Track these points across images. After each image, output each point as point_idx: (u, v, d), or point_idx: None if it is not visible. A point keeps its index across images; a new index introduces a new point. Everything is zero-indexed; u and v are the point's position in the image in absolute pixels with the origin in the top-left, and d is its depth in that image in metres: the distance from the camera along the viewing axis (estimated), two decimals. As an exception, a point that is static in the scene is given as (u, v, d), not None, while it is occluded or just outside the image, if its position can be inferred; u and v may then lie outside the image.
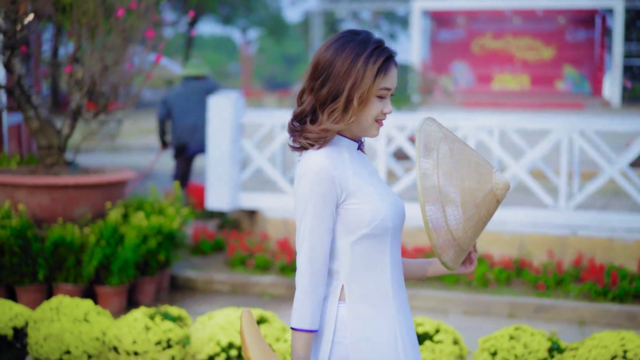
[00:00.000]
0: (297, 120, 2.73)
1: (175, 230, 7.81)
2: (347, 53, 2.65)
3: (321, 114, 2.67)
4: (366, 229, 2.65)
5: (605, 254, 8.05)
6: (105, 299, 7.39)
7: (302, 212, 2.63)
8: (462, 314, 7.48)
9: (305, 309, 2.61)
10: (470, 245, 2.79)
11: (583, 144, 8.43)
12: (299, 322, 2.61)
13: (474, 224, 2.72)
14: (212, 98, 9.29)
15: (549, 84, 32.03)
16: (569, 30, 32.11)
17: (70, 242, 7.22)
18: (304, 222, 2.62)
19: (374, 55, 2.66)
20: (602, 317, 7.21)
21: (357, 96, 2.63)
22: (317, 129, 2.65)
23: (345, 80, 2.63)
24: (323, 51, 2.70)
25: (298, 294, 2.63)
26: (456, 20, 32.78)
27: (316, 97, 2.68)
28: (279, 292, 7.98)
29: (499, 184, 2.73)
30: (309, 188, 2.61)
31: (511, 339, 4.99)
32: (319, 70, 2.68)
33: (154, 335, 5.15)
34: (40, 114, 7.80)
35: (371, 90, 2.65)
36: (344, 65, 2.64)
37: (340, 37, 2.71)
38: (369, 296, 2.69)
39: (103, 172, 8.11)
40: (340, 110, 2.65)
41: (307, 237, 2.62)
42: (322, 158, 2.62)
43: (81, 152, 18.71)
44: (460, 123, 8.79)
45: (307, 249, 2.62)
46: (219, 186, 9.24)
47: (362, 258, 2.68)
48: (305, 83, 2.73)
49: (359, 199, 2.65)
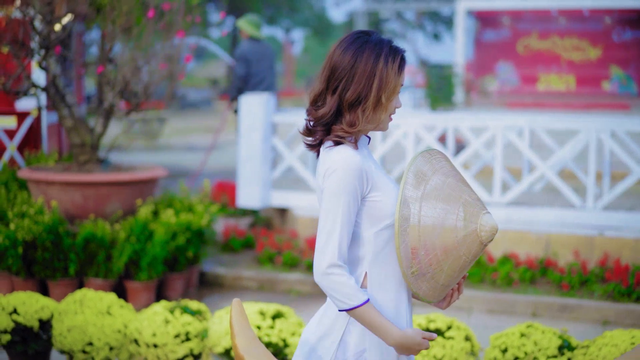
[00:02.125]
0: (319, 122, 2.85)
1: (203, 227, 7.96)
2: (368, 54, 2.80)
3: (348, 114, 2.81)
4: (389, 220, 2.81)
5: (632, 254, 8.04)
6: (134, 294, 7.56)
7: (332, 205, 2.74)
8: (485, 312, 7.53)
9: (347, 288, 2.71)
10: (451, 283, 2.85)
11: (612, 144, 8.43)
12: (352, 301, 2.70)
13: (451, 261, 2.76)
14: (244, 97, 9.41)
15: (595, 84, 31.72)
16: (616, 30, 31.77)
17: (100, 237, 7.40)
18: (332, 214, 2.74)
19: (391, 54, 2.82)
20: (626, 317, 7.22)
21: (385, 95, 2.80)
22: (352, 130, 2.80)
23: (371, 80, 2.78)
24: (340, 55, 2.82)
25: (331, 282, 2.72)
26: (501, 20, 32.58)
27: (342, 98, 2.80)
28: (306, 290, 8.09)
29: (485, 226, 2.77)
30: (343, 183, 2.73)
31: (522, 337, 5.05)
32: (339, 73, 2.80)
33: (172, 329, 5.29)
34: (74, 113, 7.99)
35: (395, 87, 2.82)
36: (367, 66, 2.78)
37: (354, 39, 2.84)
38: (386, 283, 2.85)
39: (134, 169, 8.28)
40: (370, 109, 2.80)
41: (338, 230, 2.72)
42: (352, 153, 2.76)
43: (123, 151, 19.01)
44: (488, 123, 8.83)
45: (337, 241, 2.72)
46: (250, 184, 9.37)
47: (383, 247, 2.83)
48: (321, 85, 2.85)
49: (382, 192, 2.80)
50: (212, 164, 16.43)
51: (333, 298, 2.74)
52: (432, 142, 9.08)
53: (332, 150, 2.80)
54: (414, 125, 9.01)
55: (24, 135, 9.55)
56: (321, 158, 2.85)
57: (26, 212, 7.48)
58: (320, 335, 2.90)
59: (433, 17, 38.93)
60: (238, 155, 9.54)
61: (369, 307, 2.72)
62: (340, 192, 2.73)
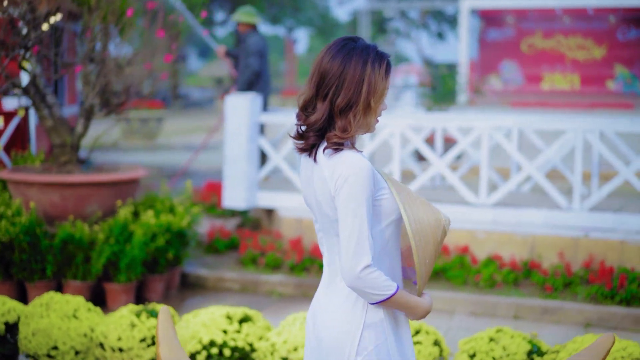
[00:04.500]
0: (312, 128, 2.91)
1: (184, 228, 7.89)
2: (356, 61, 2.87)
3: (340, 120, 2.88)
4: (394, 215, 2.93)
5: (617, 256, 7.94)
6: (113, 296, 7.50)
7: (353, 209, 2.81)
8: (468, 315, 7.44)
9: (382, 281, 2.80)
10: (426, 274, 3.00)
11: (599, 145, 8.33)
12: (389, 291, 2.81)
13: (434, 253, 2.98)
14: (229, 97, 9.35)
15: (599, 83, 31.52)
16: (621, 29, 31.55)
17: (79, 239, 7.33)
18: (358, 219, 2.81)
19: (377, 59, 2.90)
20: (609, 320, 7.12)
21: (374, 100, 2.89)
22: (345, 136, 2.87)
23: (360, 86, 2.86)
24: (328, 61, 2.89)
25: (368, 281, 2.79)
26: (505, 19, 32.42)
27: (333, 105, 2.87)
28: (288, 291, 8.02)
29: (446, 216, 3.04)
30: (361, 188, 2.81)
31: (491, 341, 4.96)
32: (329, 80, 2.87)
33: (138, 333, 5.21)
34: (55, 113, 7.92)
35: (383, 91, 2.90)
36: (356, 73, 2.86)
37: (342, 46, 2.91)
38: (390, 275, 2.95)
39: (116, 170, 8.21)
40: (361, 114, 2.88)
41: (365, 233, 2.80)
42: (362, 158, 2.85)
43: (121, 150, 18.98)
44: (475, 124, 8.73)
45: (367, 243, 2.80)
46: (236, 185, 9.30)
47: (388, 242, 2.95)
48: (311, 92, 2.92)
49: (386, 190, 2.92)
50: (206, 164, 16.37)
51: (369, 294, 2.82)
52: (418, 142, 8.99)
53: (338, 156, 2.86)
54: (401, 125, 8.92)
55: (10, 135, 9.50)
56: (324, 163, 2.90)
57: (4, 213, 7.41)
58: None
59: (437, 16, 38.79)
60: (224, 156, 9.47)
61: (401, 291, 2.86)
62: (360, 197, 2.81)
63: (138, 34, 8.51)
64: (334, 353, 2.95)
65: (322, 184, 2.90)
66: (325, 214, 2.95)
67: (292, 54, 38.09)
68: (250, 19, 10.44)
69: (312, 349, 3.08)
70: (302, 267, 8.23)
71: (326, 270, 3.08)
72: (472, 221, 8.54)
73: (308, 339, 3.13)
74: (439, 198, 8.91)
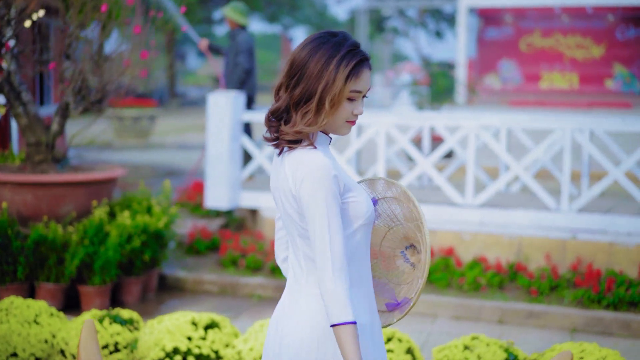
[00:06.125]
0: (273, 116, 2.76)
1: (161, 229, 7.69)
2: (321, 54, 2.70)
3: (294, 114, 2.71)
4: (362, 219, 2.74)
5: (605, 258, 7.74)
6: (87, 298, 7.30)
7: (314, 212, 2.64)
8: (451, 319, 7.23)
9: (344, 301, 2.59)
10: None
11: (588, 144, 8.13)
12: (343, 316, 2.58)
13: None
14: (211, 96, 9.15)
15: (598, 82, 31.34)
16: (620, 28, 31.39)
17: (52, 240, 7.14)
18: (318, 221, 2.64)
19: (346, 58, 2.70)
20: (595, 325, 6.92)
21: (328, 99, 2.68)
22: (292, 131, 2.69)
23: (317, 82, 2.68)
24: (299, 50, 2.74)
25: (330, 290, 2.60)
26: (504, 17, 32.25)
27: (290, 96, 2.72)
28: (267, 294, 7.82)
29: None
30: (319, 187, 2.64)
31: (465, 349, 4.77)
32: (293, 69, 2.72)
33: (101, 339, 5.03)
34: (29, 111, 7.72)
35: (342, 93, 2.69)
36: (317, 67, 2.69)
37: (317, 37, 2.75)
38: (359, 281, 2.78)
39: (93, 170, 8.02)
40: (312, 112, 2.69)
41: (328, 234, 2.63)
42: (321, 157, 2.67)
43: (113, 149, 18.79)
44: (462, 123, 8.53)
45: (330, 245, 2.63)
46: (218, 184, 9.11)
47: (357, 246, 2.77)
48: (282, 79, 2.76)
49: (355, 192, 2.74)
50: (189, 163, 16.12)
51: (331, 303, 2.62)
52: (404, 141, 8.79)
53: (297, 154, 2.71)
54: (386, 124, 8.72)
55: (-10, 133, 9.32)
56: (286, 159, 2.75)
57: (-26, 214, 7.22)
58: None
59: (435, 15, 38.61)
60: (206, 155, 9.27)
61: (355, 330, 2.61)
62: (319, 197, 2.64)
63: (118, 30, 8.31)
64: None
65: (284, 181, 2.74)
66: (287, 212, 2.77)
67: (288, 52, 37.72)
68: (240, 19, 10.26)
69: (274, 355, 2.87)
70: (283, 269, 8.03)
71: (290, 272, 2.88)
72: (458, 222, 8.35)
73: (268, 344, 2.90)
74: (425, 198, 8.71)
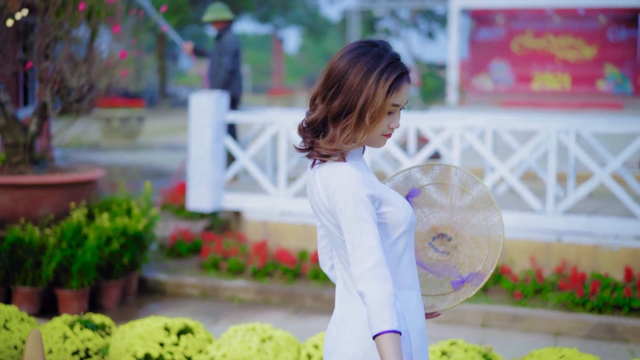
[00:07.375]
0: (309, 127, 2.70)
1: (141, 231, 7.57)
2: (360, 66, 2.61)
3: (332, 128, 2.64)
4: (404, 225, 2.70)
5: (591, 261, 7.65)
6: (65, 302, 7.18)
7: (350, 222, 2.58)
8: (433, 323, 7.13)
9: (389, 309, 2.51)
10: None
11: (573, 145, 8.03)
12: (386, 324, 2.49)
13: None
14: (194, 96, 9.04)
15: (590, 83, 31.30)
16: (611, 29, 31.36)
17: (28, 243, 7.03)
18: (354, 231, 2.58)
19: (386, 71, 2.62)
20: (579, 328, 6.82)
21: (369, 114, 2.60)
22: (330, 147, 2.63)
23: (357, 96, 2.60)
24: (337, 60, 2.66)
25: (375, 298, 2.52)
26: (495, 18, 32.19)
27: (328, 108, 2.64)
28: (249, 297, 7.71)
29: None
30: (351, 197, 2.58)
31: (443, 355, 4.66)
32: (331, 80, 2.64)
33: (71, 345, 4.91)
34: (7, 111, 7.61)
35: (383, 108, 2.62)
36: (356, 79, 2.60)
37: (357, 47, 2.66)
38: (413, 283, 2.75)
39: (72, 171, 7.90)
40: (352, 127, 2.62)
41: (365, 242, 2.57)
42: (352, 169, 2.61)
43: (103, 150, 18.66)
44: (446, 123, 8.43)
45: (370, 252, 2.56)
46: (200, 186, 8.99)
47: (403, 252, 2.73)
48: (319, 88, 2.69)
49: (391, 204, 2.68)
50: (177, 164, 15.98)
51: (372, 310, 2.55)
52: (389, 142, 8.68)
53: (328, 167, 2.65)
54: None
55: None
56: (317, 172, 2.70)
57: (-51, 216, 7.11)
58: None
59: (427, 16, 38.52)
60: (188, 156, 9.16)
61: (398, 339, 2.52)
62: (352, 207, 2.58)
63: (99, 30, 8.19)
64: None
65: (318, 195, 2.70)
66: (325, 225, 2.74)
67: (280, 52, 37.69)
68: (223, 15, 10.16)
69: None
70: (264, 272, 7.92)
71: (338, 281, 2.82)
72: (443, 224, 8.23)
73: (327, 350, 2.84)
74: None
